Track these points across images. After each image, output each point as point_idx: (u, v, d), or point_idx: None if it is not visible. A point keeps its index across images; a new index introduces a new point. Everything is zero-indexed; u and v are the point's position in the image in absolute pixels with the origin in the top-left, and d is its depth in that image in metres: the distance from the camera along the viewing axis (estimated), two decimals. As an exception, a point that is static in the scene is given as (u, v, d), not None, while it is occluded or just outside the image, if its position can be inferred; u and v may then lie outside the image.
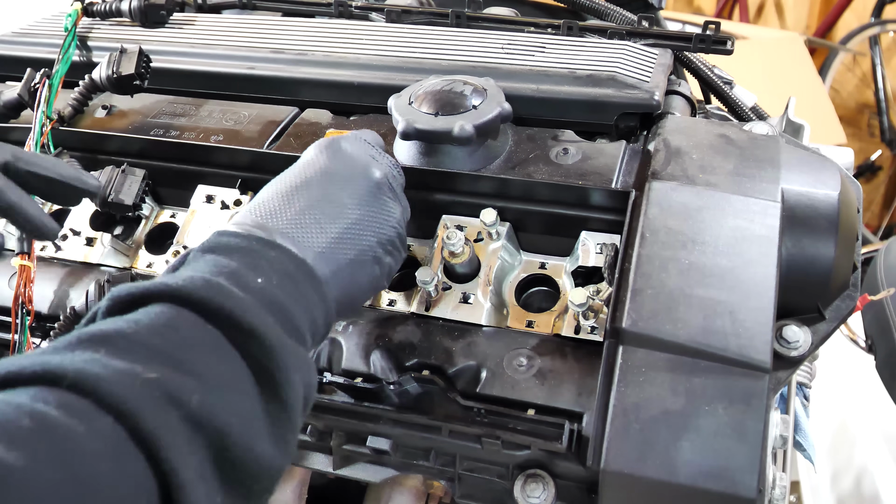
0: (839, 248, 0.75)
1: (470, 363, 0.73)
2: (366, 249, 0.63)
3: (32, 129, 0.92)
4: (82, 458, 0.34)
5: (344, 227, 0.61)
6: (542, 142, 0.88)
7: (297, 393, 0.46)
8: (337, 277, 0.59)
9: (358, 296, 0.66)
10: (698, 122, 0.89)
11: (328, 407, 0.75)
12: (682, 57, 1.09)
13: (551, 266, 0.83)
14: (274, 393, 0.44)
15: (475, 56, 0.99)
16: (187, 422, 0.38)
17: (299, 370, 0.46)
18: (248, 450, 0.40)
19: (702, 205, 0.75)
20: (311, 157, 0.67)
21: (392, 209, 0.69)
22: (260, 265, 0.51)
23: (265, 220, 0.58)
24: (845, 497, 1.69)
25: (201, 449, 0.38)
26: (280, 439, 0.43)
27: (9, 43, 1.14)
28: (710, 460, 0.60)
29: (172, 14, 1.16)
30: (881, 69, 3.23)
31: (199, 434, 0.38)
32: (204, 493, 0.37)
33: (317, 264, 0.57)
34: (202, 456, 0.38)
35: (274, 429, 0.43)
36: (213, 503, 0.38)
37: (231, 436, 0.39)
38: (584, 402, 0.69)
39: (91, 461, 0.34)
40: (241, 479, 0.40)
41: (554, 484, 0.70)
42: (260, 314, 0.45)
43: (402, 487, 0.85)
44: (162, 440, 0.36)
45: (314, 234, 0.58)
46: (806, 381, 1.12)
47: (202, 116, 0.98)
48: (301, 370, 0.47)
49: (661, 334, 0.66)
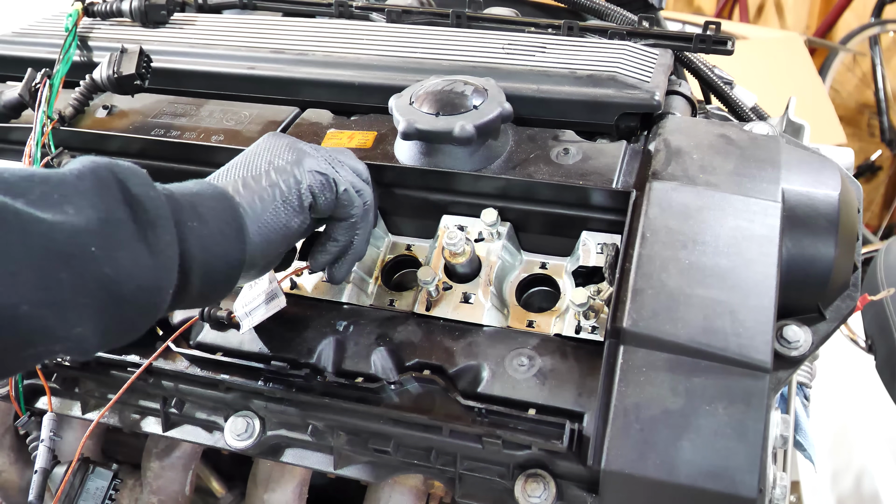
0: (839, 248, 0.75)
1: (471, 363, 0.73)
2: (260, 168, 0.71)
3: (33, 129, 0.92)
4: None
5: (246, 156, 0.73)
6: (542, 142, 0.88)
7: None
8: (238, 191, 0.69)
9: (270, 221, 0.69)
10: (699, 122, 0.89)
11: (329, 407, 0.75)
12: (683, 57, 1.09)
13: (552, 266, 0.83)
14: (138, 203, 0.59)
15: (476, 56, 0.99)
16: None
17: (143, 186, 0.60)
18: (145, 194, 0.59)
19: (702, 205, 0.75)
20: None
21: (300, 152, 0.73)
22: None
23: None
24: (845, 497, 1.69)
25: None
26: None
27: (9, 43, 1.14)
28: (710, 460, 0.61)
29: (173, 14, 1.16)
30: (881, 69, 3.23)
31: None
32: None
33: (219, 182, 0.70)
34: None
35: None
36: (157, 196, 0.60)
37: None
38: (585, 401, 0.69)
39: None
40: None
41: (555, 484, 0.70)
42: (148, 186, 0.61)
43: (402, 487, 0.85)
44: (129, 184, 0.58)
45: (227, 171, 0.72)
46: (806, 381, 1.12)
47: (203, 116, 0.98)
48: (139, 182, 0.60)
49: (661, 334, 0.66)
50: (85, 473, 0.86)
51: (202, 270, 0.62)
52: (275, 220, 0.69)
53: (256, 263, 0.69)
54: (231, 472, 1.04)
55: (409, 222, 0.87)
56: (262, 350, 0.78)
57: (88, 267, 0.53)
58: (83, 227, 0.54)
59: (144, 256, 0.57)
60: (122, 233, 0.56)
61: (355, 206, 0.74)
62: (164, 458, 0.94)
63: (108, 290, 0.55)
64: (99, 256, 0.54)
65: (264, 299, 0.76)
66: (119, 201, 0.57)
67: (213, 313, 0.78)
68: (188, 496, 0.97)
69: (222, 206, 0.65)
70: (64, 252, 0.52)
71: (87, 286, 0.54)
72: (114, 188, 0.57)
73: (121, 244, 0.56)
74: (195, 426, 0.85)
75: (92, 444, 0.99)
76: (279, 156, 0.72)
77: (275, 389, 0.76)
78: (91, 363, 0.84)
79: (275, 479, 0.90)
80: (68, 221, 0.53)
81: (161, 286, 0.59)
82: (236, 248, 0.65)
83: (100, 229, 0.55)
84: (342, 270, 0.78)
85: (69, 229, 0.53)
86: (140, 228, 0.57)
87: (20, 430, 0.89)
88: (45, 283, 0.51)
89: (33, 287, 0.51)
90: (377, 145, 0.91)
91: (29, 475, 0.90)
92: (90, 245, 0.54)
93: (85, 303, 0.54)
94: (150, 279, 0.57)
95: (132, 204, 0.57)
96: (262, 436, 0.79)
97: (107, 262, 0.54)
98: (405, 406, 0.73)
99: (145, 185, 0.60)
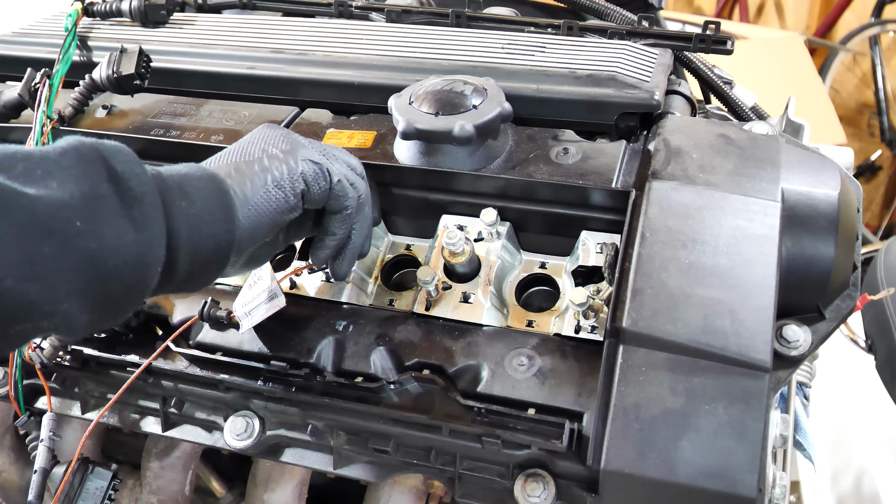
0: (839, 247, 0.75)
1: (470, 363, 0.73)
2: (254, 154, 0.71)
3: (33, 129, 0.92)
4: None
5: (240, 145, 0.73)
6: (542, 141, 0.88)
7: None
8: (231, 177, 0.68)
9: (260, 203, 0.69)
10: (698, 121, 0.89)
11: (328, 406, 0.75)
12: (682, 57, 1.09)
13: (551, 266, 0.83)
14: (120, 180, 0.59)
15: (475, 56, 1.00)
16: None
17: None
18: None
19: (702, 204, 0.75)
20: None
21: (291, 142, 0.73)
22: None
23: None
24: (845, 497, 1.69)
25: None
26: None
27: (9, 43, 1.14)
28: (710, 460, 0.61)
29: (173, 14, 1.16)
30: (881, 69, 3.23)
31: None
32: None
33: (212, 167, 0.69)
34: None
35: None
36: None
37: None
38: (585, 401, 0.69)
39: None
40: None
41: (554, 483, 0.70)
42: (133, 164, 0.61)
43: (402, 487, 0.85)
44: (114, 161, 0.58)
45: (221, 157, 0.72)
46: (806, 381, 1.12)
47: (203, 116, 0.98)
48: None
49: (661, 334, 0.66)
50: (84, 473, 0.86)
51: (190, 249, 0.61)
52: (265, 204, 0.68)
53: (244, 248, 0.68)
54: (231, 472, 1.04)
55: (409, 222, 0.87)
56: (262, 350, 0.78)
57: (72, 241, 0.53)
58: (66, 202, 0.54)
59: (129, 232, 0.56)
60: (107, 208, 0.56)
61: (349, 197, 0.73)
62: (164, 457, 0.94)
63: (92, 265, 0.54)
64: (83, 231, 0.54)
65: (264, 299, 0.76)
66: (103, 177, 0.57)
67: (213, 313, 0.77)
68: (188, 496, 0.97)
69: (211, 187, 0.65)
70: (47, 226, 0.52)
71: (71, 260, 0.53)
72: (97, 164, 0.57)
73: (105, 219, 0.55)
74: (195, 426, 0.85)
75: (92, 444, 0.99)
76: (273, 144, 0.72)
77: (274, 389, 0.76)
78: (91, 363, 0.84)
79: (274, 479, 0.90)
80: (51, 195, 0.53)
81: (147, 262, 0.58)
82: (225, 228, 0.64)
83: (83, 204, 0.55)
84: (343, 266, 0.77)
85: (52, 203, 0.53)
86: (125, 204, 0.57)
87: (20, 429, 0.89)
88: (29, 258, 0.51)
89: (17, 261, 0.51)
90: (377, 145, 0.91)
91: (29, 475, 0.90)
92: (74, 219, 0.54)
93: (70, 277, 0.53)
94: (135, 255, 0.57)
95: (116, 180, 0.57)
96: (262, 436, 0.79)
97: (91, 237, 0.54)
98: (405, 406, 0.73)
99: (130, 162, 0.59)
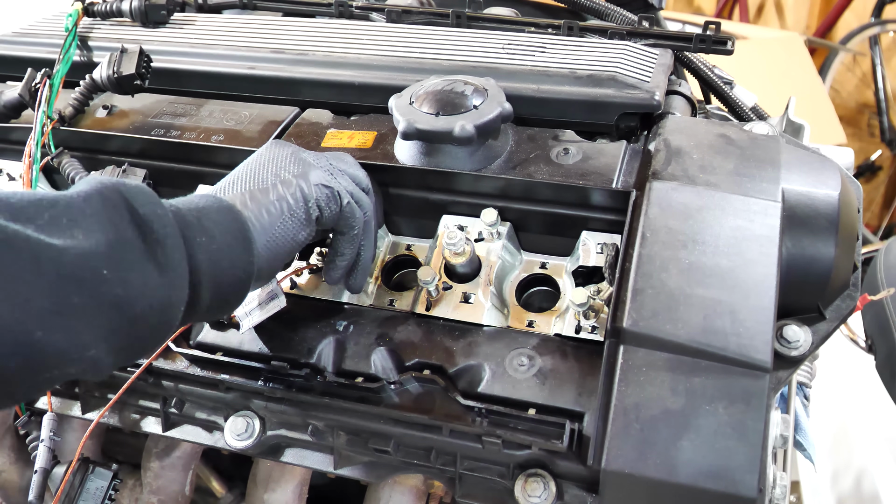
0: (839, 247, 0.75)
1: (471, 363, 0.73)
2: (267, 181, 0.71)
3: (33, 129, 0.92)
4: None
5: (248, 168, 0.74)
6: (542, 142, 0.88)
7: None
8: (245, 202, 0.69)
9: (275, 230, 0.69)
10: (698, 122, 0.89)
11: (329, 406, 0.75)
12: (683, 57, 1.09)
13: (552, 266, 0.83)
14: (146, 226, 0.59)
15: (476, 56, 1.00)
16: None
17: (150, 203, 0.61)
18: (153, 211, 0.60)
19: (702, 205, 0.75)
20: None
21: (301, 160, 0.74)
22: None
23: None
24: (845, 497, 1.69)
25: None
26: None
27: (9, 43, 1.14)
28: (710, 460, 0.61)
29: (173, 14, 1.16)
30: (881, 69, 3.23)
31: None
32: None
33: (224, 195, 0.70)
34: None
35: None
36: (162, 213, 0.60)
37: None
38: (585, 401, 0.69)
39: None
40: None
41: (555, 483, 0.70)
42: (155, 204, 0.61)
43: (402, 487, 0.85)
44: (136, 203, 0.59)
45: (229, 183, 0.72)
46: (806, 381, 1.12)
47: (203, 116, 0.98)
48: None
49: (661, 334, 0.66)
50: (85, 473, 0.86)
51: (212, 284, 0.62)
52: (282, 234, 0.69)
53: (263, 276, 0.70)
54: (231, 472, 1.04)
55: (409, 222, 0.87)
56: (262, 350, 0.78)
57: (100, 289, 0.54)
58: (93, 250, 0.54)
59: (154, 276, 0.57)
60: (132, 253, 0.56)
61: (356, 218, 0.75)
62: (164, 458, 0.94)
63: (120, 312, 0.55)
64: (110, 279, 0.54)
65: (264, 299, 0.76)
66: (127, 221, 0.57)
67: (213, 313, 0.78)
68: (188, 496, 0.97)
69: (229, 220, 0.65)
70: (75, 276, 0.53)
71: (99, 309, 0.54)
72: (121, 209, 0.58)
73: (131, 265, 0.56)
74: (195, 426, 0.85)
75: (92, 444, 0.99)
76: (284, 168, 0.73)
77: (275, 389, 0.76)
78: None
79: (275, 479, 0.90)
80: (78, 245, 0.54)
81: (172, 303, 0.59)
82: (245, 260, 0.65)
83: (110, 251, 0.55)
84: (358, 281, 0.79)
85: (80, 253, 0.53)
86: (149, 248, 0.57)
87: (20, 429, 0.89)
88: (59, 309, 0.52)
89: (47, 312, 0.51)
90: (377, 145, 0.91)
91: (29, 475, 0.90)
92: (101, 268, 0.54)
93: (98, 325, 0.54)
94: (161, 297, 0.58)
95: (140, 223, 0.58)
96: (262, 436, 0.79)
97: (118, 284, 0.55)
98: (405, 406, 0.73)
99: (152, 203, 0.60)
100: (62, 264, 0.52)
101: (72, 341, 0.53)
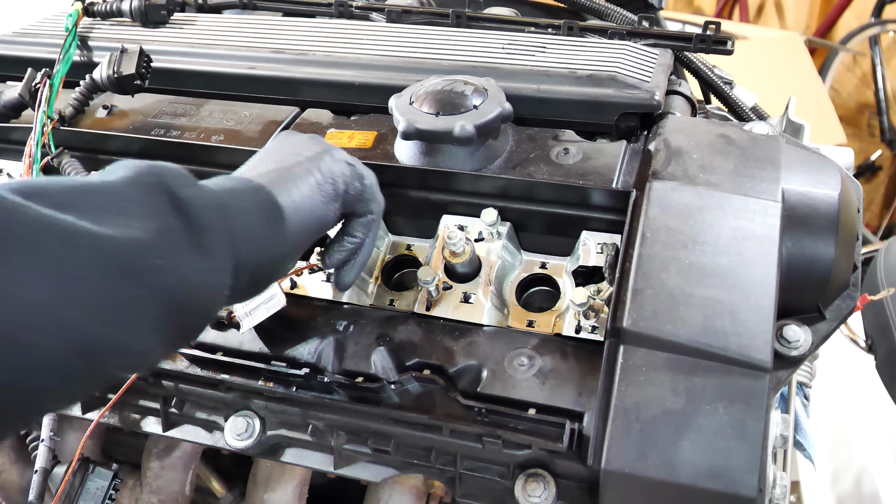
0: (839, 247, 0.75)
1: (471, 363, 0.73)
2: (291, 160, 0.70)
3: (33, 130, 0.92)
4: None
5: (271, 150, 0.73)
6: (542, 142, 0.88)
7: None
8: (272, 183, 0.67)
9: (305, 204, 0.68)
10: (698, 122, 0.89)
11: (329, 406, 0.75)
12: (683, 57, 1.10)
13: (552, 266, 0.83)
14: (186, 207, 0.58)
15: (476, 56, 1.00)
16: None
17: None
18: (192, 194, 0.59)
19: (702, 204, 0.75)
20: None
21: (319, 146, 0.73)
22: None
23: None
24: (845, 497, 1.69)
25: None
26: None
27: (9, 43, 1.14)
28: (710, 460, 0.61)
29: (173, 14, 1.16)
30: (881, 69, 3.23)
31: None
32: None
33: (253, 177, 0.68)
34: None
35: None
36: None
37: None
38: (585, 401, 0.69)
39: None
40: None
41: (555, 483, 0.70)
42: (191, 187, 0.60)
43: (402, 487, 0.85)
44: (176, 188, 0.58)
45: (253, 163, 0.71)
46: (806, 381, 1.12)
47: (203, 116, 0.98)
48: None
49: (661, 334, 0.66)
50: (85, 473, 0.86)
51: (250, 267, 0.61)
52: (312, 210, 0.68)
53: (294, 256, 0.69)
54: (231, 472, 1.04)
55: (409, 222, 0.87)
56: (262, 350, 0.78)
57: (154, 279, 0.52)
58: (144, 240, 0.52)
59: (200, 262, 0.56)
60: (180, 241, 0.55)
61: (377, 200, 0.74)
62: (164, 457, 0.94)
63: (172, 301, 0.53)
64: (162, 268, 0.53)
65: (264, 299, 0.76)
66: (170, 206, 0.56)
67: (214, 313, 0.78)
68: (188, 496, 0.97)
69: (260, 200, 0.64)
70: (129, 267, 0.51)
71: (154, 299, 0.52)
72: (163, 193, 0.56)
73: (178, 252, 0.54)
74: (195, 426, 0.85)
75: (92, 444, 0.99)
76: (306, 147, 0.72)
77: (275, 389, 0.76)
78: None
79: (275, 479, 0.90)
80: (129, 234, 0.52)
81: (219, 290, 0.58)
82: (278, 241, 0.64)
83: (160, 239, 0.53)
84: (350, 275, 0.77)
85: (132, 243, 0.51)
86: (193, 234, 0.56)
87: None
88: (118, 302, 0.50)
89: (108, 307, 0.49)
90: (377, 145, 0.91)
91: (29, 475, 0.90)
92: (152, 257, 0.52)
93: (153, 316, 0.52)
94: (207, 284, 0.57)
95: (181, 208, 0.56)
96: (262, 435, 0.79)
97: (170, 274, 0.53)
98: (405, 406, 0.73)
99: (192, 185, 0.59)
100: (116, 255, 0.50)
101: (130, 335, 0.51)
